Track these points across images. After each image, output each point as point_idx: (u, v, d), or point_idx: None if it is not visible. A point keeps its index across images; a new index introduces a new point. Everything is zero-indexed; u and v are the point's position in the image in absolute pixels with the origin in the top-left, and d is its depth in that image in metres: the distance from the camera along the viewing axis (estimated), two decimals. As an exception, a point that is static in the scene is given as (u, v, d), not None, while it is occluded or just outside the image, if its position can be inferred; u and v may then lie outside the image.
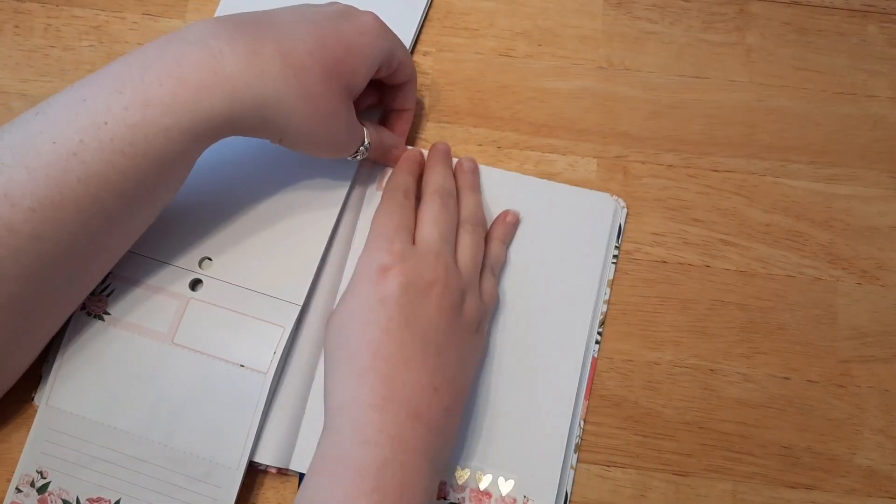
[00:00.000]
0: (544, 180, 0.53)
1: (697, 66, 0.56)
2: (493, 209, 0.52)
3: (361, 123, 0.48)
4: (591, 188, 0.53)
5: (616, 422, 0.49)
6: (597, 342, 0.50)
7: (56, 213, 0.39)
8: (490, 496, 0.47)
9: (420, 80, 0.56)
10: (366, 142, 0.48)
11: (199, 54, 0.40)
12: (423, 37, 0.57)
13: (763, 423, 0.50)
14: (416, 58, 0.56)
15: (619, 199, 0.53)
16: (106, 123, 0.39)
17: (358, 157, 0.48)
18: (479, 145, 0.54)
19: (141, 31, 0.56)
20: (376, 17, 0.45)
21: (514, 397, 0.49)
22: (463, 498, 0.47)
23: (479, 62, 0.56)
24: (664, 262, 0.53)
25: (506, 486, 0.47)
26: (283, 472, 0.48)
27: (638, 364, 0.51)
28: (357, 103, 0.47)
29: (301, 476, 0.48)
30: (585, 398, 0.49)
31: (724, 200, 0.54)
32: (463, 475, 0.47)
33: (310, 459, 0.47)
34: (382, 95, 0.52)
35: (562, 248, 0.51)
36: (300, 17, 0.43)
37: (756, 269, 0.52)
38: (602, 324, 0.51)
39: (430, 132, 0.55)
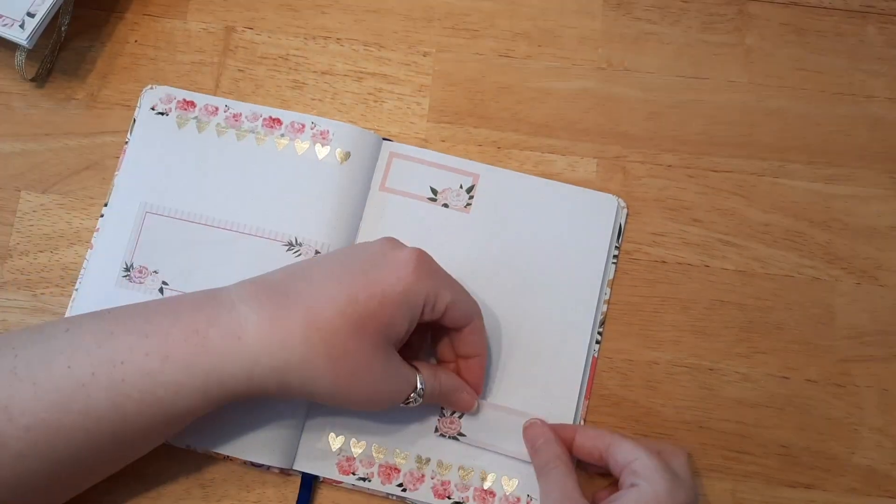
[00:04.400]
0: (546, 180, 0.53)
1: (697, 66, 0.56)
2: (496, 209, 0.52)
3: (415, 367, 0.45)
4: (590, 188, 0.53)
5: (616, 421, 0.50)
6: (597, 342, 0.51)
7: (48, 438, 0.38)
8: (494, 495, 0.47)
9: (420, 80, 0.56)
10: (418, 387, 0.44)
11: (226, 319, 0.40)
12: (423, 37, 0.57)
13: (762, 423, 0.50)
14: (416, 58, 0.56)
15: (620, 199, 0.53)
16: (122, 363, 0.39)
17: (411, 404, 0.44)
18: (479, 145, 0.54)
19: (141, 31, 0.56)
20: (417, 257, 0.42)
21: (516, 397, 0.49)
22: (467, 497, 0.47)
23: (480, 62, 0.56)
24: (664, 262, 0.53)
25: (509, 486, 0.47)
26: (285, 472, 0.48)
27: (637, 364, 0.51)
28: (413, 344, 0.46)
29: (303, 475, 0.48)
30: (586, 398, 0.50)
31: (723, 200, 0.54)
32: (467, 474, 0.48)
33: (312, 460, 0.48)
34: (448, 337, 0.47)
35: (563, 247, 0.51)
36: (335, 267, 0.42)
37: (755, 269, 0.53)
38: (602, 323, 0.51)
39: (431, 132, 0.55)
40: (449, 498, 0.47)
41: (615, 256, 0.52)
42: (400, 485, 0.47)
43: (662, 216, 0.53)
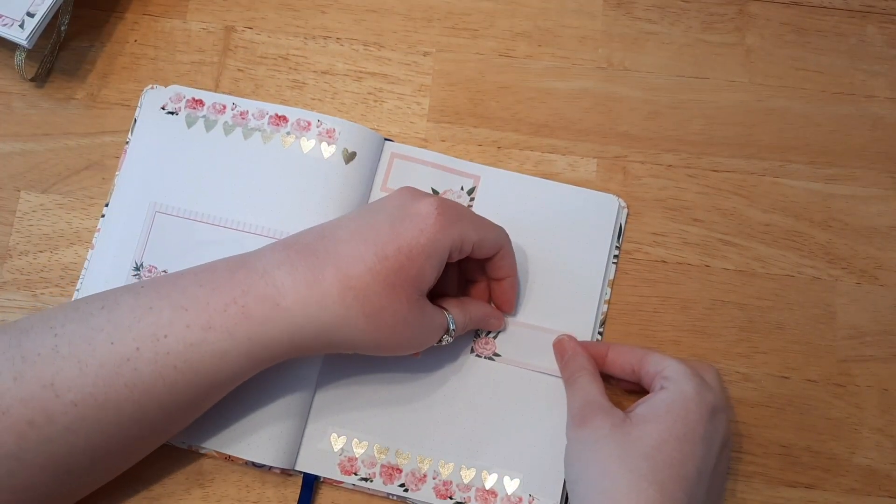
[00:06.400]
0: (546, 180, 0.53)
1: (697, 66, 0.56)
2: (496, 210, 0.51)
3: (442, 307, 0.46)
4: (590, 188, 0.53)
5: (617, 421, 0.50)
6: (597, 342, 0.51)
7: (96, 413, 0.39)
8: (496, 495, 0.47)
9: (420, 80, 0.56)
10: (450, 328, 0.46)
11: (262, 286, 0.41)
12: (423, 37, 0.57)
13: (762, 423, 0.50)
14: (416, 58, 0.56)
15: (620, 199, 0.53)
16: (166, 336, 0.40)
17: (444, 343, 0.46)
18: (480, 145, 0.54)
19: (141, 31, 0.56)
20: (437, 206, 0.43)
21: (519, 396, 0.49)
22: (469, 497, 0.47)
23: (480, 62, 0.56)
24: (664, 261, 0.53)
25: (511, 485, 0.47)
26: (286, 472, 0.48)
27: (638, 364, 0.51)
28: (442, 282, 0.47)
29: (304, 476, 0.48)
30: (586, 398, 0.50)
31: (723, 200, 0.54)
32: (468, 474, 0.48)
33: (314, 461, 0.48)
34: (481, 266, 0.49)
35: (563, 247, 0.51)
36: (360, 226, 0.43)
37: (755, 269, 0.53)
38: (602, 323, 0.51)
39: (431, 132, 0.55)
40: (451, 498, 0.47)
41: (615, 256, 0.52)
42: (402, 485, 0.47)
43: (663, 216, 0.53)
